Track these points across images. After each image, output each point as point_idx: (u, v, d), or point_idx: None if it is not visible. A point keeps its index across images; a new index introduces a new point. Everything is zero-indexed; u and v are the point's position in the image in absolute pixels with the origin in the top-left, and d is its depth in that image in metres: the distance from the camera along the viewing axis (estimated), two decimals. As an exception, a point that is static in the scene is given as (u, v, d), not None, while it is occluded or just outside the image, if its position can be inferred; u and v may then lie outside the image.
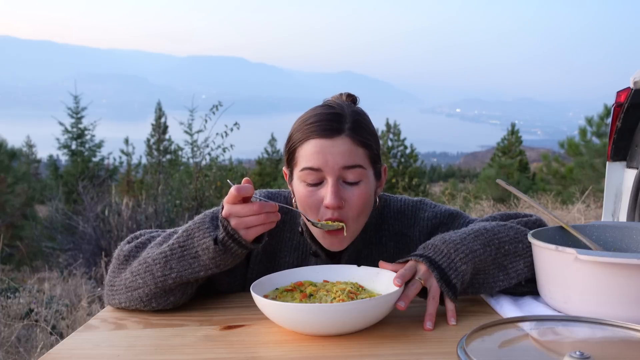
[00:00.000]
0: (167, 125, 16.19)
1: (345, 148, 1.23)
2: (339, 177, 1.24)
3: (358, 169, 1.24)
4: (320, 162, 1.23)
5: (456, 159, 74.25)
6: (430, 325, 1.06)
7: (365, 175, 1.26)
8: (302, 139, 1.26)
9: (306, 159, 1.24)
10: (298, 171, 1.27)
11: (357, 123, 1.26)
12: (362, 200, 1.26)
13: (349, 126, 1.25)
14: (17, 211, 11.30)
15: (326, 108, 1.29)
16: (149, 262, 1.18)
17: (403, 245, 1.41)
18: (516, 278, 1.20)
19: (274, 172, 18.81)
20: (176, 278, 1.15)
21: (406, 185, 15.19)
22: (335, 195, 1.22)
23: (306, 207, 1.27)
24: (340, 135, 1.23)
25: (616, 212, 3.39)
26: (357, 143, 1.24)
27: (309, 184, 1.25)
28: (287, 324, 1.05)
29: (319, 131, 1.24)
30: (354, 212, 1.26)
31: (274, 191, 1.47)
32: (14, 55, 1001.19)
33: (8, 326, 4.25)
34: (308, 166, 1.24)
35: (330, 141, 1.23)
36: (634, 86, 3.12)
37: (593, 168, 12.33)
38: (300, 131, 1.27)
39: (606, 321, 0.91)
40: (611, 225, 1.30)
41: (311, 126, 1.25)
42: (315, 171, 1.24)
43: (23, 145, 19.16)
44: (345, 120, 1.25)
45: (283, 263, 1.39)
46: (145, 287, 1.18)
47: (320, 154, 1.23)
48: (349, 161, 1.23)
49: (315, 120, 1.25)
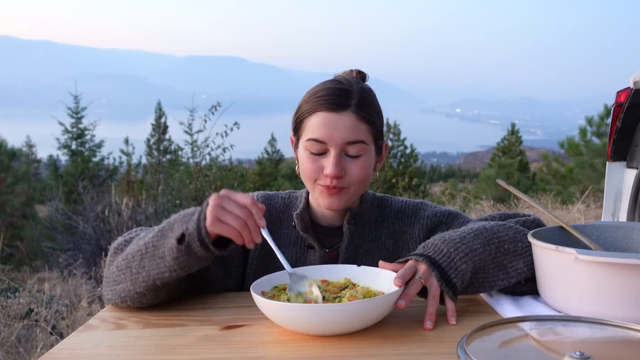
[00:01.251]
0: (167, 125, 16.20)
1: (350, 123, 1.30)
2: (341, 150, 1.31)
3: (360, 144, 1.31)
4: (325, 135, 1.29)
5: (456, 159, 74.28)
6: (431, 325, 1.06)
7: (366, 150, 1.33)
8: (310, 111, 1.33)
9: (312, 131, 1.31)
10: (304, 141, 1.34)
11: (364, 100, 1.32)
12: (362, 172, 1.32)
13: (355, 102, 1.31)
14: (17, 211, 11.30)
15: (335, 83, 1.35)
16: (129, 258, 1.18)
17: (403, 243, 1.44)
18: (516, 277, 1.20)
19: (274, 172, 18.81)
20: (146, 277, 1.14)
21: (406, 185, 15.18)
22: (336, 166, 1.29)
23: (307, 173, 1.34)
24: (346, 110, 1.30)
25: (616, 212, 3.39)
26: (361, 119, 1.31)
27: (313, 153, 1.32)
28: (287, 324, 1.05)
29: (327, 105, 1.30)
30: (353, 181, 1.33)
31: (272, 193, 1.52)
32: (14, 55, 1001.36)
33: (8, 326, 4.25)
34: (313, 137, 1.31)
35: (336, 115, 1.29)
36: (634, 86, 3.13)
37: (593, 168, 12.34)
38: (309, 103, 1.34)
39: (606, 321, 0.90)
40: (611, 225, 1.30)
41: (319, 99, 1.32)
42: (320, 143, 1.31)
43: (23, 145, 19.16)
44: (352, 96, 1.31)
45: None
46: (124, 283, 1.18)
47: (325, 127, 1.29)
48: (352, 136, 1.30)
49: (324, 94, 1.32)
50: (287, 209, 1.45)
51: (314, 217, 1.45)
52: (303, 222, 1.41)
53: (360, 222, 1.43)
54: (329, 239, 1.43)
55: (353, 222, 1.41)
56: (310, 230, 1.41)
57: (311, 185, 1.36)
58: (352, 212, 1.41)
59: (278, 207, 1.46)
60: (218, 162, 9.64)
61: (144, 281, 1.15)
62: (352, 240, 1.41)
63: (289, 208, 1.46)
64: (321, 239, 1.42)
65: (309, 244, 1.41)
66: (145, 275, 1.14)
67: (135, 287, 1.16)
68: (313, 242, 1.40)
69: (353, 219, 1.41)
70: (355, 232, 1.41)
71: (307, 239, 1.41)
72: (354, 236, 1.41)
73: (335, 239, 1.43)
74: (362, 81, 1.41)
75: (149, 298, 1.19)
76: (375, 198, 1.49)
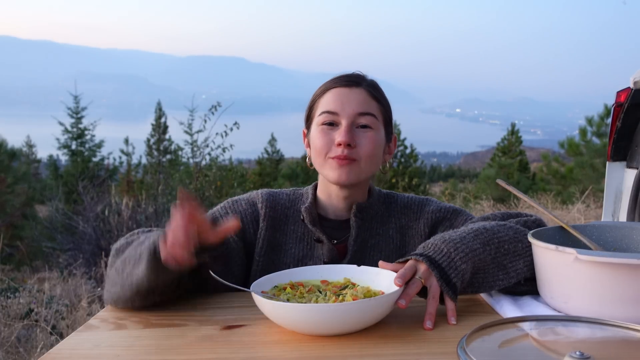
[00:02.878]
0: (167, 125, 16.19)
1: (362, 97, 1.38)
2: (353, 122, 1.37)
3: (371, 117, 1.38)
4: (338, 107, 1.37)
5: (456, 159, 74.25)
6: (430, 325, 1.06)
7: (377, 124, 1.39)
8: (322, 91, 1.42)
9: (325, 104, 1.39)
10: (317, 116, 1.40)
11: (374, 84, 1.44)
12: (372, 145, 1.37)
13: (366, 83, 1.42)
14: (17, 211, 11.30)
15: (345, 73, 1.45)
16: (122, 262, 1.19)
17: (409, 238, 1.46)
18: (516, 277, 1.20)
19: (274, 172, 18.80)
20: (129, 283, 1.14)
21: (406, 185, 15.18)
22: (347, 133, 1.34)
23: (319, 147, 1.38)
24: (359, 87, 1.40)
25: (616, 212, 3.39)
26: (372, 97, 1.40)
27: (325, 124, 1.38)
28: (287, 324, 1.05)
29: (340, 82, 1.40)
30: (364, 153, 1.36)
31: (276, 190, 1.53)
32: (14, 55, 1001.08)
33: (8, 326, 4.25)
34: (326, 110, 1.38)
35: (349, 90, 1.39)
36: (634, 86, 3.13)
37: (593, 168, 12.34)
38: (322, 87, 1.43)
39: (606, 321, 0.91)
40: (611, 225, 1.30)
41: (333, 80, 1.42)
42: (332, 114, 1.37)
43: (23, 145, 19.16)
44: (363, 79, 1.43)
45: (290, 254, 1.43)
46: (116, 287, 1.19)
47: (338, 100, 1.38)
48: (364, 108, 1.37)
49: (337, 76, 1.43)
50: (292, 205, 1.47)
51: (322, 211, 1.47)
52: (311, 215, 1.43)
53: (367, 216, 1.45)
54: (336, 232, 1.45)
55: (360, 216, 1.43)
56: (317, 224, 1.43)
57: (322, 162, 1.39)
58: (359, 206, 1.43)
59: (283, 204, 1.48)
60: (218, 162, 9.64)
61: (129, 286, 1.15)
62: (360, 234, 1.43)
63: (295, 204, 1.48)
64: (328, 232, 1.44)
65: (317, 237, 1.43)
66: (129, 281, 1.14)
67: (124, 291, 1.17)
68: (321, 236, 1.42)
69: (359, 212, 1.43)
70: (362, 225, 1.44)
71: (315, 232, 1.42)
72: (361, 229, 1.43)
73: (343, 232, 1.45)
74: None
75: (137, 303, 1.19)
76: (382, 194, 1.51)
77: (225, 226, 1.07)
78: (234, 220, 1.08)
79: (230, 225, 1.07)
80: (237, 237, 1.40)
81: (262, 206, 1.45)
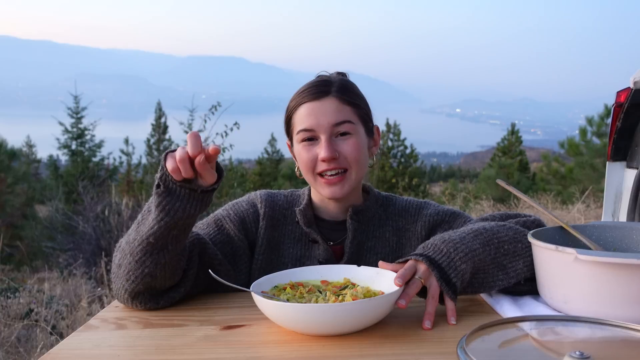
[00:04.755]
0: (167, 125, 16.17)
1: (333, 107, 1.36)
2: (331, 134, 1.36)
3: (347, 124, 1.37)
4: (312, 123, 1.36)
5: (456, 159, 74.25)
6: (429, 325, 1.06)
7: (355, 130, 1.38)
8: (295, 106, 1.40)
9: (300, 122, 1.38)
10: (295, 135, 1.39)
11: (344, 86, 1.40)
12: (355, 150, 1.36)
13: (335, 89, 1.38)
14: (17, 211, 11.30)
15: (315, 78, 1.44)
16: (125, 238, 1.22)
17: (406, 241, 1.46)
18: (515, 278, 1.20)
19: (274, 172, 18.80)
20: (139, 240, 1.15)
21: (406, 185, 15.18)
22: (328, 148, 1.34)
23: (305, 164, 1.38)
24: (327, 96, 1.37)
25: (616, 212, 3.39)
26: (344, 102, 1.37)
27: (306, 142, 1.37)
28: (287, 324, 1.05)
29: (309, 95, 1.38)
30: (350, 160, 1.36)
31: (274, 191, 1.55)
32: (14, 55, 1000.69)
33: (8, 326, 4.25)
34: (302, 128, 1.37)
35: (319, 102, 1.36)
36: (634, 86, 3.13)
37: (593, 168, 12.34)
38: (293, 101, 1.41)
39: (606, 321, 0.91)
40: (611, 225, 1.30)
41: (302, 94, 1.39)
42: (309, 132, 1.36)
43: (23, 145, 19.14)
44: (332, 85, 1.39)
45: (287, 254, 1.44)
46: (125, 259, 1.19)
47: (311, 115, 1.36)
48: (338, 118, 1.36)
49: (305, 88, 1.40)
50: (289, 206, 1.48)
51: (317, 212, 1.47)
52: (306, 217, 1.44)
53: (364, 218, 1.45)
54: (332, 233, 1.45)
55: (356, 218, 1.43)
56: (313, 225, 1.44)
57: (312, 178, 1.39)
58: (355, 208, 1.43)
59: (281, 205, 1.49)
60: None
61: (139, 244, 1.15)
62: (356, 236, 1.43)
63: (292, 205, 1.49)
64: (324, 233, 1.45)
65: (313, 238, 1.43)
66: (139, 238, 1.15)
67: (134, 256, 1.16)
68: (316, 236, 1.42)
69: (355, 214, 1.43)
70: (358, 228, 1.44)
71: (311, 233, 1.43)
72: (357, 232, 1.43)
73: (339, 233, 1.45)
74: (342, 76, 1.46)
75: (150, 266, 1.16)
76: (380, 196, 1.51)
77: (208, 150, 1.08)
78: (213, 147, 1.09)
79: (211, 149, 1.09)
80: (242, 236, 1.42)
81: (261, 206, 1.46)
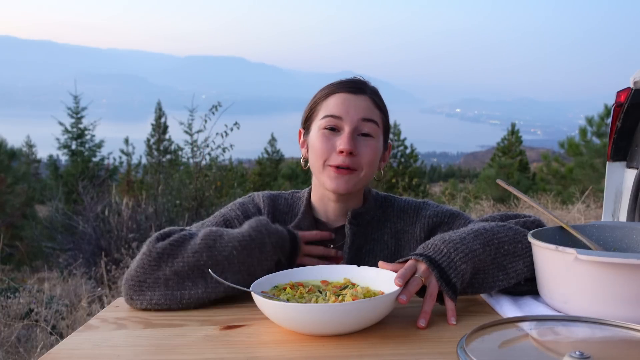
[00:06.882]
0: (167, 125, 16.18)
1: (366, 104, 1.38)
2: (355, 128, 1.36)
3: (374, 124, 1.38)
4: (342, 111, 1.36)
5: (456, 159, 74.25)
6: (424, 323, 1.06)
7: (377, 133, 1.39)
8: (326, 94, 1.41)
9: (329, 108, 1.38)
10: (319, 120, 1.39)
11: (376, 92, 1.44)
12: (372, 153, 1.37)
13: (370, 90, 1.42)
14: (17, 211, 11.30)
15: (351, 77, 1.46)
16: (200, 267, 1.22)
17: (405, 243, 1.45)
18: (515, 278, 1.20)
19: (274, 172, 18.79)
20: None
21: (406, 185, 15.17)
22: (350, 141, 1.34)
23: (319, 153, 1.37)
24: (363, 94, 1.39)
25: (616, 212, 3.39)
26: (375, 105, 1.40)
27: (327, 129, 1.37)
28: (287, 324, 1.05)
29: (345, 87, 1.40)
30: (365, 162, 1.36)
31: (275, 193, 1.54)
32: (14, 55, 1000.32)
33: (8, 326, 4.25)
34: (330, 113, 1.37)
35: (354, 96, 1.38)
36: (634, 86, 3.12)
37: (593, 168, 12.33)
38: (325, 89, 1.42)
39: (606, 321, 0.91)
40: (611, 225, 1.30)
41: (337, 84, 1.41)
42: (336, 119, 1.36)
43: (23, 145, 19.14)
44: (367, 86, 1.43)
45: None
46: (192, 289, 1.21)
47: (343, 105, 1.37)
48: (368, 114, 1.37)
49: (341, 81, 1.42)
50: (290, 209, 1.48)
51: (317, 216, 1.47)
52: (305, 221, 1.44)
53: (363, 222, 1.44)
54: None
55: (355, 223, 1.43)
56: (313, 229, 1.44)
57: (320, 167, 1.37)
58: (354, 212, 1.42)
59: (282, 208, 1.49)
60: (218, 162, 9.63)
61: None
62: (355, 241, 1.43)
63: (292, 208, 1.49)
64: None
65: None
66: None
67: (209, 293, 1.23)
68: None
69: (355, 219, 1.43)
70: (357, 232, 1.43)
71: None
72: (356, 236, 1.43)
73: (338, 237, 1.44)
74: None
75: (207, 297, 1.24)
76: (379, 197, 1.50)
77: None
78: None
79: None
80: None
81: (263, 205, 1.47)
